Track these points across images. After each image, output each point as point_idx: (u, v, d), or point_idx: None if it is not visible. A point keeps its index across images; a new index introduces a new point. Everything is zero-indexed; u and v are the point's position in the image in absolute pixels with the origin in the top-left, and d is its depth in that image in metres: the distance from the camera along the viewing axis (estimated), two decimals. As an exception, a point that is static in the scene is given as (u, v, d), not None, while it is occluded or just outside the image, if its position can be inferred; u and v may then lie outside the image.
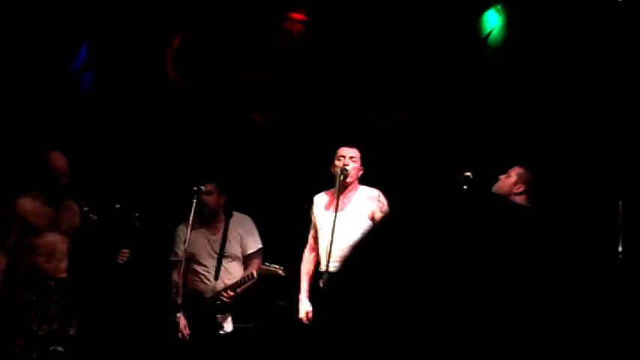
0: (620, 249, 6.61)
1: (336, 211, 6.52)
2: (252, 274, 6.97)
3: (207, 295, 7.06)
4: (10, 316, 6.17)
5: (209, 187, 7.08)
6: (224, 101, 8.39)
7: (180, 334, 7.03)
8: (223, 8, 8.23)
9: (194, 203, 6.84)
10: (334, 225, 6.46)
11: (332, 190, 6.64)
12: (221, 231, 7.15)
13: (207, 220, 7.17)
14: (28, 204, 6.24)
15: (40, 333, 6.21)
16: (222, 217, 7.17)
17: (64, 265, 6.33)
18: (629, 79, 7.31)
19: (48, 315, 6.26)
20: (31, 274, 6.22)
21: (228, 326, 7.05)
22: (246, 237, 7.18)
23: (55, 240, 6.29)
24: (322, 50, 8.25)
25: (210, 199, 7.11)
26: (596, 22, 7.44)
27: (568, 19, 7.50)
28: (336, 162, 6.72)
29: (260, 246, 7.21)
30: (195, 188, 6.81)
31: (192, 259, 7.11)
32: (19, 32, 7.92)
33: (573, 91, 7.50)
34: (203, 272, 7.11)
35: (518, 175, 6.49)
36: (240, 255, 7.15)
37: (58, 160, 6.31)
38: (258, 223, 7.37)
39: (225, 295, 7.00)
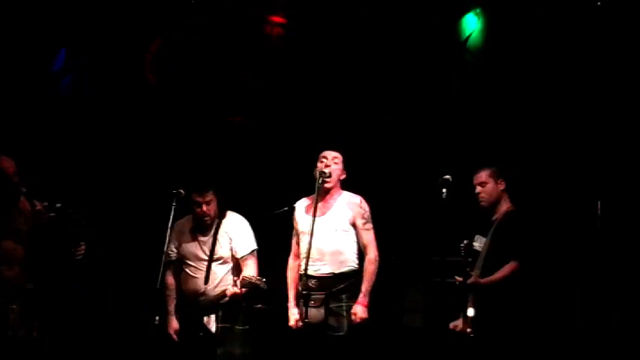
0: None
1: (314, 214, 6.55)
2: (234, 284, 6.89)
3: (199, 298, 6.99)
4: None
5: (208, 196, 7.01)
6: (202, 104, 8.30)
7: (170, 337, 7.03)
8: (202, 11, 8.13)
9: (173, 207, 6.78)
10: (312, 228, 6.50)
11: (314, 195, 6.64)
12: (212, 232, 7.05)
13: (199, 223, 7.07)
14: None
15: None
16: (215, 220, 7.07)
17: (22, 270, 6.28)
18: (606, 81, 7.36)
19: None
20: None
21: (212, 326, 6.98)
22: (236, 239, 7.06)
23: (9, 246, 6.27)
24: (302, 53, 8.14)
25: (211, 208, 7.03)
26: (574, 25, 7.44)
27: (547, 22, 7.50)
28: (318, 164, 6.76)
29: (253, 248, 7.06)
30: (174, 191, 6.72)
31: (183, 261, 7.08)
32: None
33: (551, 92, 7.52)
34: (194, 274, 7.04)
35: (490, 176, 6.59)
36: (230, 257, 7.05)
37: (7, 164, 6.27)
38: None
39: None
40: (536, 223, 6.51)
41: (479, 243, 6.57)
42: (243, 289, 6.84)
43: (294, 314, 6.74)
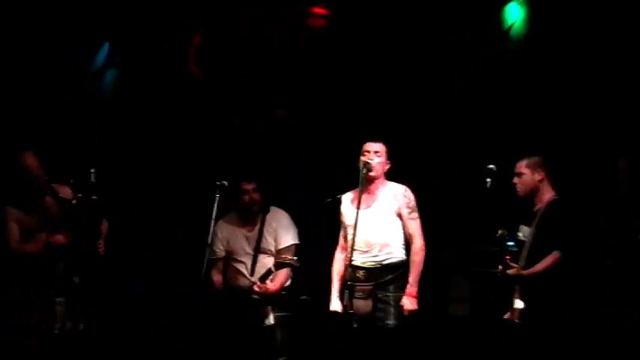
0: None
1: (358, 206, 6.62)
2: (270, 268, 6.99)
3: (247, 292, 7.10)
4: (22, 318, 6.25)
5: (254, 184, 7.20)
6: (247, 98, 8.31)
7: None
8: (243, 4, 8.15)
9: (217, 199, 6.82)
10: (356, 220, 6.55)
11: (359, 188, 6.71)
12: (257, 227, 7.21)
13: (244, 217, 7.26)
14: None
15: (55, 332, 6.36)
16: (259, 214, 7.23)
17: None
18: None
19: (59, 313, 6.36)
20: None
21: (270, 319, 7.06)
22: (280, 231, 7.22)
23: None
24: (344, 46, 8.14)
25: (257, 197, 7.20)
26: (618, 17, 7.37)
27: (591, 10, 7.43)
28: (361, 157, 6.79)
29: (293, 242, 7.23)
30: (217, 183, 6.76)
31: (230, 256, 7.24)
32: (40, 32, 7.92)
33: (597, 78, 7.44)
34: (241, 269, 7.18)
35: (528, 167, 6.56)
36: (274, 250, 7.19)
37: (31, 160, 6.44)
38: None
39: (256, 289, 7.00)
40: (579, 213, 6.45)
41: (523, 233, 6.55)
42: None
43: (335, 306, 6.81)
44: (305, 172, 8.34)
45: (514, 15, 7.97)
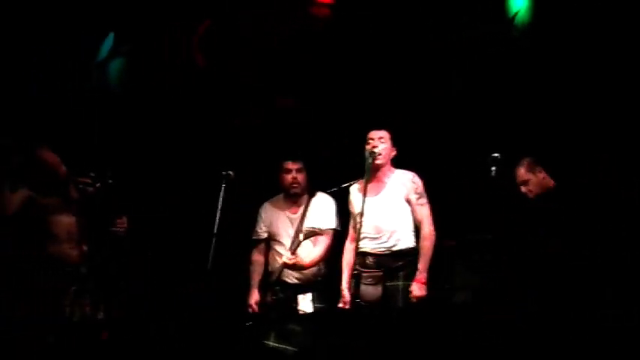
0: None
1: (364, 194, 6.70)
2: (299, 239, 7.07)
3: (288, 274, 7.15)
4: (40, 306, 6.16)
5: (299, 164, 7.27)
6: (251, 85, 8.32)
7: (250, 309, 7.19)
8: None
9: (222, 189, 6.87)
10: (363, 206, 6.63)
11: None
12: (302, 209, 7.23)
13: (290, 198, 7.30)
14: None
15: (73, 320, 6.28)
16: (305, 196, 7.28)
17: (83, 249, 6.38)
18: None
19: (80, 301, 6.22)
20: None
21: (307, 306, 7.08)
22: (321, 213, 7.22)
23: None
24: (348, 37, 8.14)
25: (301, 177, 7.26)
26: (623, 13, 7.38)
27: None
28: (366, 145, 6.87)
29: (331, 226, 7.22)
30: (223, 173, 6.80)
31: (272, 238, 7.30)
32: (44, 23, 7.92)
33: (600, 71, 7.45)
34: (281, 251, 7.19)
35: (529, 171, 6.60)
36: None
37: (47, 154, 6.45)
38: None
39: (286, 261, 7.03)
40: (583, 200, 6.49)
41: None
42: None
43: (345, 296, 6.83)
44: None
45: (518, 3, 7.98)
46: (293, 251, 7.03)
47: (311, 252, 7.11)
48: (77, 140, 7.62)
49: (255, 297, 7.21)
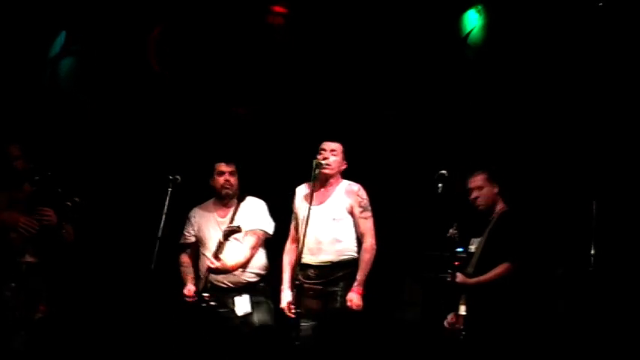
0: (592, 250, 6.65)
1: (310, 204, 6.75)
2: (220, 240, 7.01)
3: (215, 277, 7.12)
4: None
5: (232, 167, 7.25)
6: (206, 94, 8.29)
7: (188, 299, 7.13)
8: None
9: (169, 192, 6.92)
10: (308, 217, 6.66)
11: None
12: (230, 212, 7.16)
13: (220, 202, 7.29)
14: None
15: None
16: (235, 201, 7.21)
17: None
18: (606, 81, 7.38)
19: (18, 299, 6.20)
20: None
21: (245, 307, 7.06)
22: (249, 214, 7.18)
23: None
24: (302, 44, 8.15)
25: (233, 180, 7.25)
26: (576, 25, 7.46)
27: (548, 20, 7.52)
28: (318, 155, 6.92)
29: (258, 227, 7.18)
30: (170, 177, 6.77)
31: (201, 242, 7.27)
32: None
33: (550, 90, 7.54)
34: (207, 254, 7.14)
35: (486, 180, 6.63)
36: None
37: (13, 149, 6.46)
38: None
39: (210, 265, 6.99)
40: (530, 225, 6.52)
41: (474, 245, 6.61)
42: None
43: (286, 297, 6.89)
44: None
45: (472, 22, 8.03)
46: (216, 254, 6.98)
47: (236, 254, 7.07)
48: (25, 137, 7.55)
49: (190, 288, 7.14)
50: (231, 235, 6.99)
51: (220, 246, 6.99)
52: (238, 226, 6.98)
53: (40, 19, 8.12)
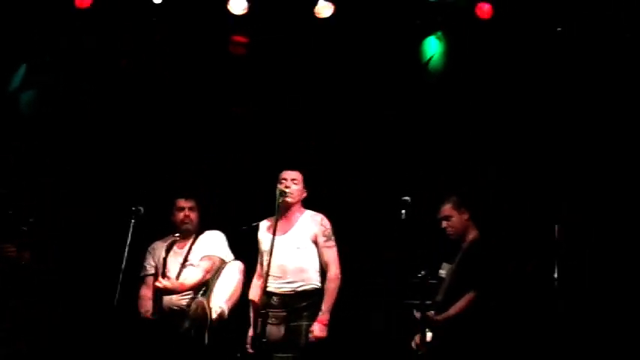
0: (555, 274, 6.69)
1: (274, 233, 6.71)
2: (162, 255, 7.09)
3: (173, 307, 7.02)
4: None
5: (192, 203, 7.25)
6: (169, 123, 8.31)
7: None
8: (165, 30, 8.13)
9: (132, 224, 6.84)
10: (272, 247, 6.64)
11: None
12: (189, 244, 7.18)
13: (180, 235, 7.22)
14: None
15: None
16: (193, 234, 7.25)
17: None
18: (566, 105, 7.46)
19: None
20: None
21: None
22: (207, 244, 7.17)
23: None
24: (263, 75, 8.16)
25: (193, 216, 7.25)
26: (534, 50, 7.54)
27: (507, 46, 7.60)
28: (278, 185, 6.90)
29: (213, 253, 7.10)
30: (133, 209, 6.75)
31: (159, 273, 7.10)
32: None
33: (510, 114, 7.60)
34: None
35: (453, 208, 6.64)
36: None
37: None
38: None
39: (156, 285, 6.86)
40: (498, 254, 6.53)
41: (444, 270, 6.62)
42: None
43: (251, 332, 6.86)
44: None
45: (433, 49, 8.09)
46: (163, 274, 6.94)
47: (188, 275, 7.01)
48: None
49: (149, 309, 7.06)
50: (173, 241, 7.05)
51: (164, 263, 6.99)
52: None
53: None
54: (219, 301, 6.79)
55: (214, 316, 6.64)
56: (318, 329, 6.65)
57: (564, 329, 6.91)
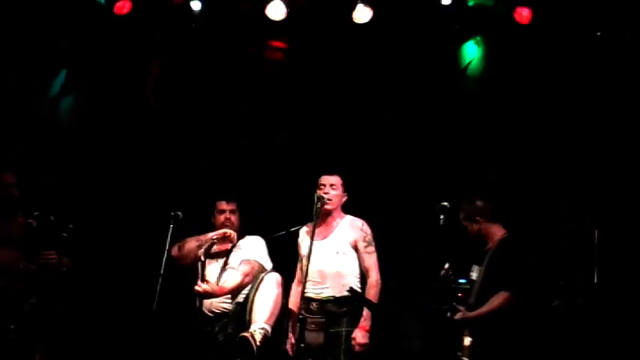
0: (595, 279, 6.66)
1: (312, 238, 6.71)
2: (202, 260, 7.00)
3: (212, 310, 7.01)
4: None
5: (232, 205, 7.26)
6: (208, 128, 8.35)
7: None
8: (203, 36, 8.18)
9: (170, 228, 6.91)
10: (310, 251, 6.59)
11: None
12: (228, 249, 7.19)
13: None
14: None
15: None
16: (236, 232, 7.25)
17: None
18: (606, 111, 7.43)
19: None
20: None
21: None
22: (247, 248, 7.15)
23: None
24: (301, 78, 8.21)
25: (234, 218, 7.25)
26: (575, 55, 7.53)
27: (547, 51, 7.59)
28: (318, 190, 6.91)
29: (253, 257, 7.05)
30: (171, 214, 6.79)
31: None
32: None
33: (550, 118, 7.59)
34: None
35: (465, 220, 6.59)
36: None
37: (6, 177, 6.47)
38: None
39: (196, 289, 6.81)
40: (529, 252, 6.52)
41: (475, 273, 6.60)
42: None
43: (291, 339, 6.86)
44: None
45: (471, 54, 8.09)
46: (202, 278, 6.88)
47: (227, 279, 6.99)
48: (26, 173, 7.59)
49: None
50: (208, 245, 7.00)
51: (203, 267, 6.97)
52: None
53: (42, 56, 8.20)
54: (261, 322, 6.63)
55: (258, 343, 6.50)
56: (361, 336, 6.64)
57: (602, 332, 6.89)
